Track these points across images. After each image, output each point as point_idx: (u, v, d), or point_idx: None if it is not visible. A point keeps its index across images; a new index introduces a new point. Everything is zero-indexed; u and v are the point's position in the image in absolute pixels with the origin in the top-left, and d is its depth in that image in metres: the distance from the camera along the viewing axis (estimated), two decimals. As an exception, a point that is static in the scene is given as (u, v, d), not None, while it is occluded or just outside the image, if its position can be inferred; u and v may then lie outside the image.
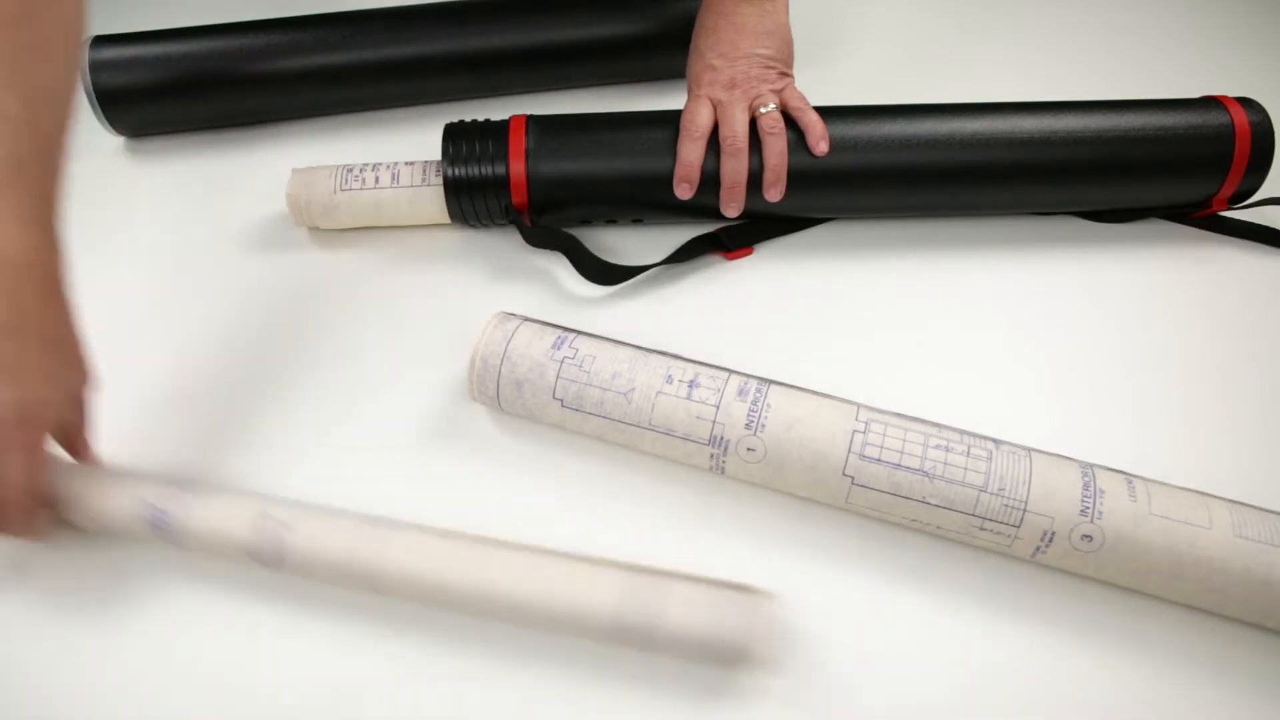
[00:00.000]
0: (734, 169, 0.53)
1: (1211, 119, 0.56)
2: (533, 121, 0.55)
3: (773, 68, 0.55)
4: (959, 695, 0.39)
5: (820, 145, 0.53)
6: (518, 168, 0.54)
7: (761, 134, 0.53)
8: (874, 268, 0.58)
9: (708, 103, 0.54)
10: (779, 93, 0.55)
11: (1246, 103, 0.57)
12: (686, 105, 0.54)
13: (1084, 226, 0.60)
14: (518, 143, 0.54)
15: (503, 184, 0.54)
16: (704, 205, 0.55)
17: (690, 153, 0.53)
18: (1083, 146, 0.55)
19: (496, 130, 0.55)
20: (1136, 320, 0.55)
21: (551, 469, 0.47)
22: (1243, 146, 0.56)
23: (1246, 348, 0.53)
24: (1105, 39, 0.76)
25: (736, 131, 0.53)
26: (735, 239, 0.58)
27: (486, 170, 0.54)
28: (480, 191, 0.55)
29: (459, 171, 0.54)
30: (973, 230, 0.60)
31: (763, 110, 0.53)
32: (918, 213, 0.60)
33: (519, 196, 0.55)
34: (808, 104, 0.55)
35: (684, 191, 0.54)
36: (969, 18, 0.77)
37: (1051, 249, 0.59)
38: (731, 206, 0.55)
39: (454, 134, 0.55)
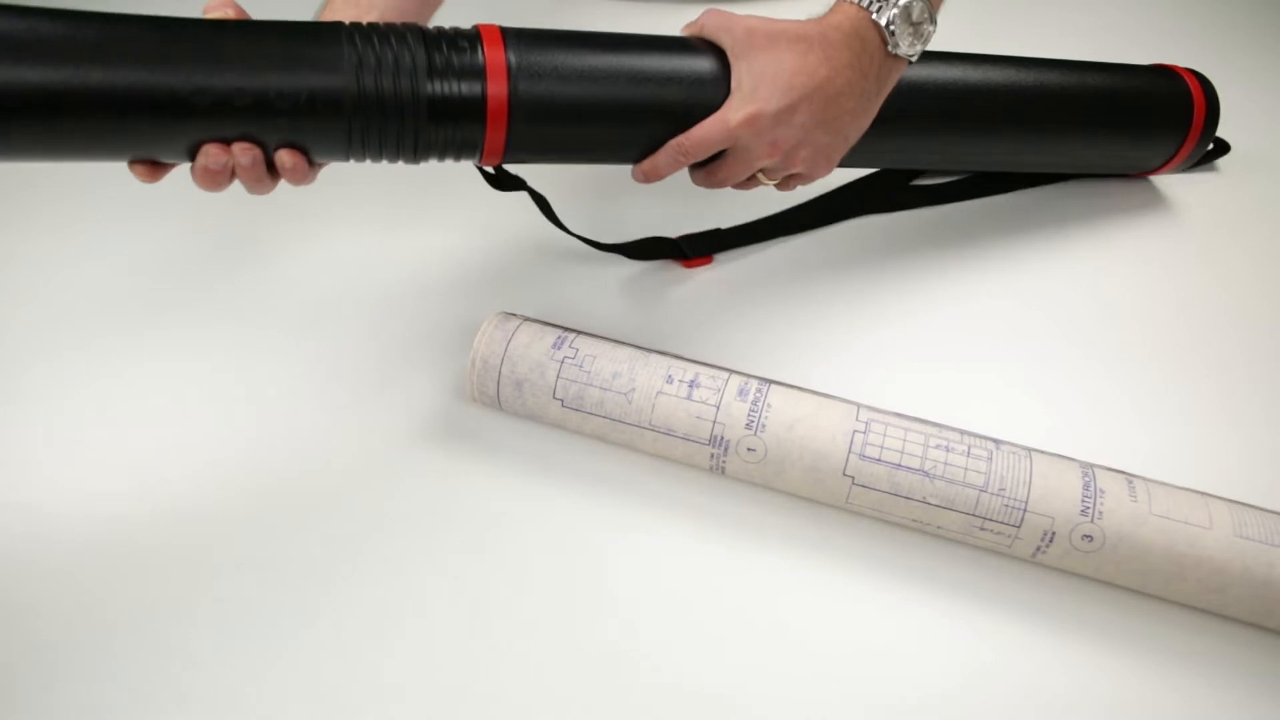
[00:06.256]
0: (706, 186, 0.48)
1: (1172, 87, 0.58)
2: (511, 34, 0.43)
3: (823, 153, 0.46)
4: (959, 695, 0.39)
5: (767, 188, 0.49)
6: (498, 89, 0.42)
7: (741, 183, 0.48)
8: (873, 268, 0.58)
9: (732, 138, 0.44)
10: (795, 177, 0.48)
11: (1193, 73, 0.59)
12: (711, 125, 0.44)
13: (1069, 220, 0.61)
14: (496, 57, 0.42)
15: (474, 109, 0.42)
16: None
17: (668, 166, 0.46)
18: (1046, 98, 0.55)
19: (455, 41, 0.42)
20: (1134, 318, 0.55)
21: (551, 469, 0.47)
22: (1199, 113, 0.58)
23: (1243, 330, 0.54)
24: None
25: (728, 181, 0.47)
26: (694, 247, 0.57)
27: (452, 89, 0.41)
28: (427, 117, 0.41)
29: (394, 84, 0.40)
30: (972, 230, 0.60)
31: (761, 177, 0.47)
32: (873, 160, 0.56)
33: (496, 127, 0.43)
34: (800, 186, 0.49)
35: (637, 179, 0.47)
36: None
37: (1043, 246, 0.60)
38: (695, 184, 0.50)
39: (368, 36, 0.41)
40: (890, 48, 0.44)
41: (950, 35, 0.77)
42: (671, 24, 0.48)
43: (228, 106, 0.38)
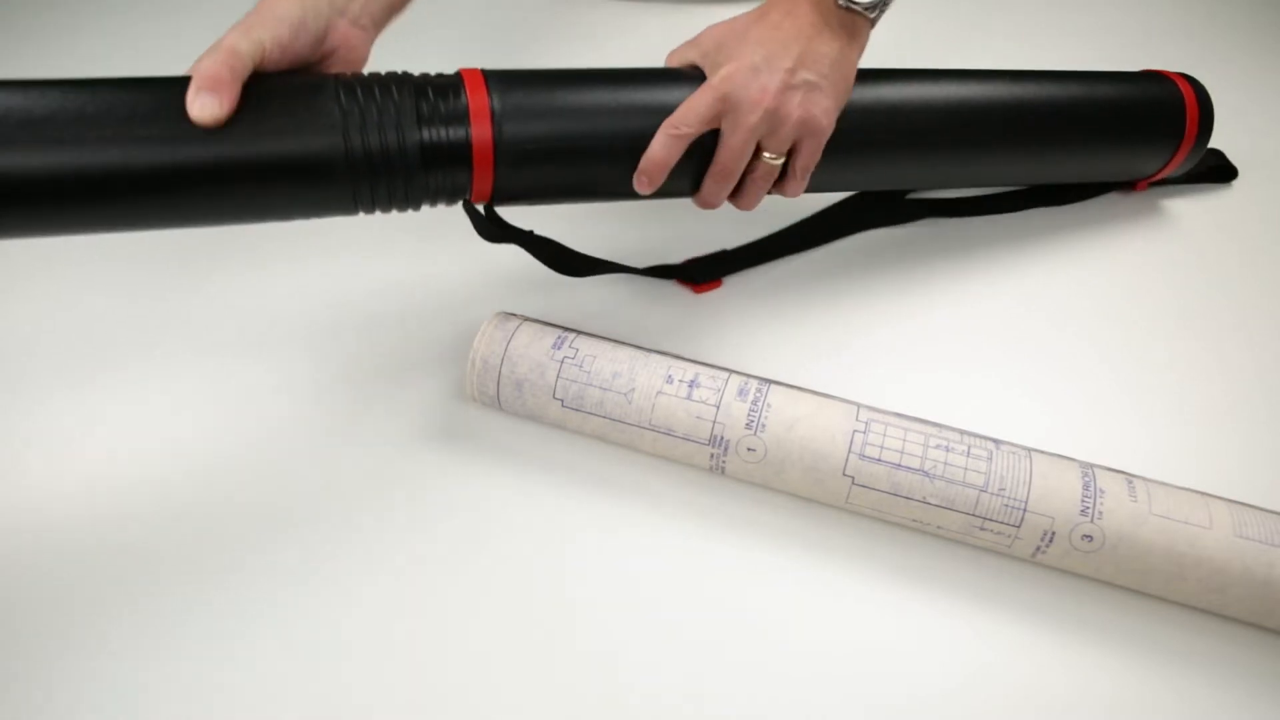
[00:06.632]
0: (714, 192, 0.47)
1: (1164, 92, 0.58)
2: (493, 77, 0.43)
3: (815, 101, 0.44)
4: (959, 695, 0.39)
5: (781, 190, 0.48)
6: (482, 132, 0.42)
7: (748, 175, 0.47)
8: (874, 269, 0.58)
9: (719, 101, 0.43)
10: (796, 151, 0.46)
11: (1185, 77, 0.59)
12: (694, 94, 0.44)
13: (1065, 220, 0.61)
14: (479, 101, 0.42)
15: (460, 155, 0.42)
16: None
17: (664, 150, 0.44)
18: (1045, 114, 0.54)
19: (439, 87, 0.42)
20: (1133, 318, 0.55)
21: (551, 469, 0.47)
22: (1192, 118, 0.57)
23: (1242, 329, 0.54)
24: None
25: (733, 164, 0.45)
26: (702, 273, 0.56)
27: (439, 135, 0.41)
28: (416, 166, 0.41)
29: (379, 138, 0.40)
30: (972, 232, 0.60)
31: (767, 156, 0.45)
32: (869, 182, 0.56)
33: (482, 171, 0.43)
34: (811, 167, 0.47)
35: (642, 186, 0.45)
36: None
37: (1040, 246, 0.60)
38: (702, 206, 0.50)
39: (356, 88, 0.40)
40: (840, 0, 0.44)
41: (950, 34, 0.77)
42: (670, 24, 0.48)
43: (221, 181, 0.38)
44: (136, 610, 0.42)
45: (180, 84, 0.37)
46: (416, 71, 0.43)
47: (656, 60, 0.49)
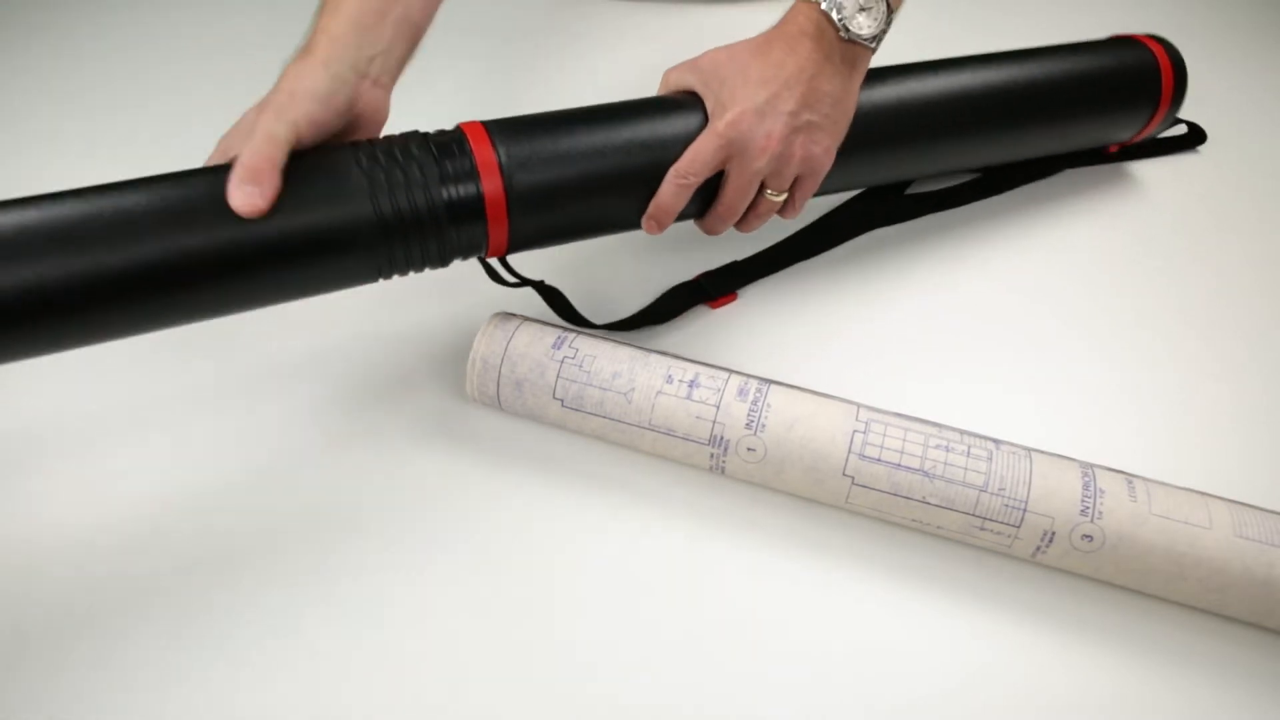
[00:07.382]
0: (719, 226, 0.48)
1: (1137, 56, 0.58)
2: (495, 129, 0.43)
3: (817, 141, 0.46)
4: (959, 695, 0.39)
5: (781, 216, 0.50)
6: (493, 186, 0.42)
7: (751, 209, 0.48)
8: (872, 269, 0.58)
9: (725, 147, 0.44)
10: (799, 184, 0.47)
11: (1155, 38, 0.59)
12: (701, 139, 0.44)
13: (1071, 222, 0.61)
14: (485, 155, 0.42)
15: (475, 211, 0.42)
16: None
17: (673, 198, 0.45)
18: (1022, 94, 0.54)
19: (443, 145, 0.42)
20: (1134, 318, 0.55)
21: (551, 469, 0.47)
22: (1167, 79, 0.58)
23: (1242, 327, 0.54)
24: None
25: (738, 204, 0.47)
26: (717, 286, 0.56)
27: (451, 194, 0.41)
28: (432, 227, 0.41)
29: (392, 203, 0.40)
30: (971, 231, 0.60)
31: (770, 194, 0.47)
32: (860, 183, 0.57)
33: (497, 223, 0.43)
34: (810, 197, 0.49)
35: (651, 229, 0.46)
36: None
37: (1047, 247, 0.60)
38: (706, 233, 0.50)
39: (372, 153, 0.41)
40: (843, 33, 0.44)
41: (944, 32, 0.78)
42: (670, 24, 0.48)
43: (255, 266, 0.38)
44: (156, 619, 0.42)
45: (209, 174, 0.38)
46: (420, 113, 0.43)
47: (655, 61, 0.49)
